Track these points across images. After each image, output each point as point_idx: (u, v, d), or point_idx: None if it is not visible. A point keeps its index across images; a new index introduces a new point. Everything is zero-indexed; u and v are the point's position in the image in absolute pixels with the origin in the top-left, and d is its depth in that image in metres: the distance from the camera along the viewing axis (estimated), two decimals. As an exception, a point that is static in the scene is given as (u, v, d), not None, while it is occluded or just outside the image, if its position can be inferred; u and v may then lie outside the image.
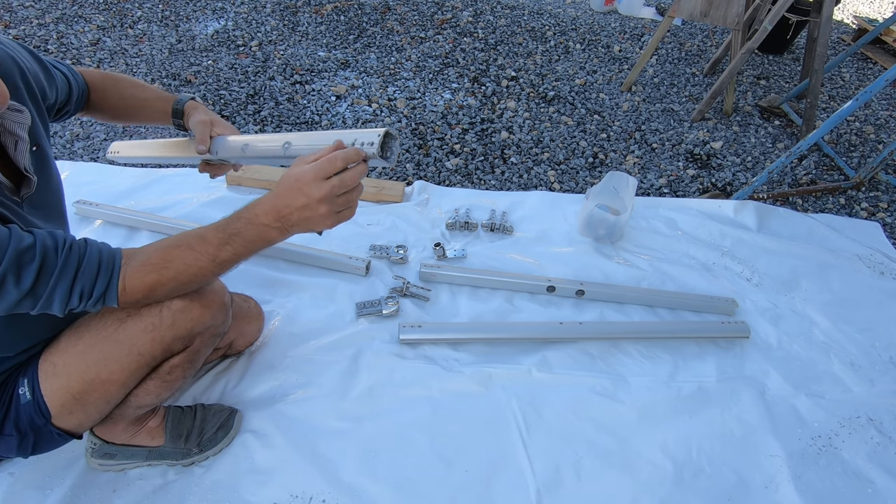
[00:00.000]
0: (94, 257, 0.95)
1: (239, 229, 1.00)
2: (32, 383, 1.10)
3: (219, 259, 1.01)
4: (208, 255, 1.00)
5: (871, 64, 4.20)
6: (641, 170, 2.82)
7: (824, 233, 2.38)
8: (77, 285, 0.93)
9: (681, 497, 1.44)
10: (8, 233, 0.86)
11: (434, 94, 3.24)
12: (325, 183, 0.95)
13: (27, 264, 0.87)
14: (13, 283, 0.86)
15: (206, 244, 1.00)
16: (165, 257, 1.00)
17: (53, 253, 0.90)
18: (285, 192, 0.97)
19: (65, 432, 1.15)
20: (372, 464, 1.43)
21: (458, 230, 2.20)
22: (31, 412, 1.10)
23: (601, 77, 3.59)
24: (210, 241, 1.00)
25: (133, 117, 1.36)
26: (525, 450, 1.50)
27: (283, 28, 3.74)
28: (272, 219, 0.99)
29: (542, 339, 1.78)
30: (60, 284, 0.91)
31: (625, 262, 2.12)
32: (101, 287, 0.95)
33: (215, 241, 1.00)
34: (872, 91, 2.26)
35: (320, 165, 0.95)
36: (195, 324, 1.12)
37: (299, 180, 0.96)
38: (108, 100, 1.31)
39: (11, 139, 0.97)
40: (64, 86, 1.21)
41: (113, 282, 0.96)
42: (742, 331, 1.86)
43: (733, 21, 3.13)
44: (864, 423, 1.67)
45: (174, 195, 2.19)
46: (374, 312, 1.80)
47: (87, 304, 0.96)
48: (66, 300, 0.93)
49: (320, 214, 0.97)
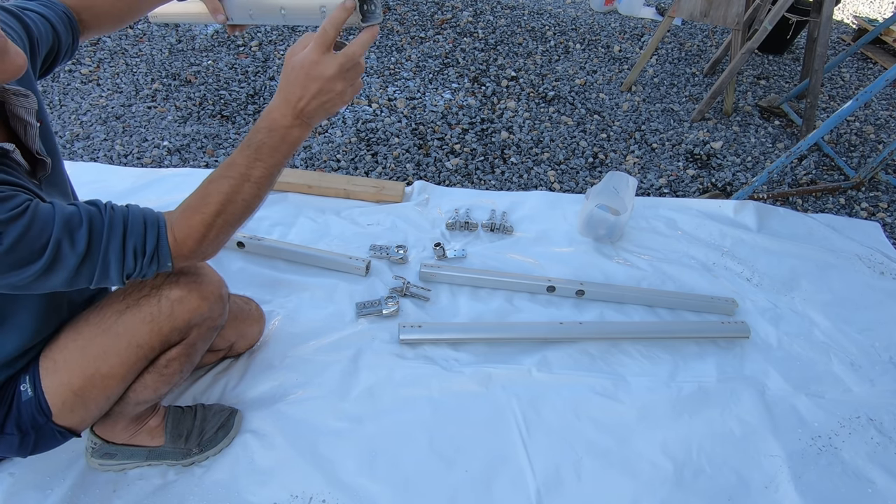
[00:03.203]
0: (137, 215, 0.96)
1: (262, 140, 0.97)
2: (34, 380, 1.10)
3: (253, 177, 0.98)
4: (242, 176, 0.98)
5: (871, 64, 4.19)
6: (641, 170, 2.82)
7: (824, 233, 2.38)
8: (129, 242, 0.93)
9: (681, 497, 1.44)
10: (51, 205, 0.88)
11: (434, 94, 3.24)
12: (332, 60, 0.90)
13: (77, 228, 0.88)
14: (69, 246, 0.87)
15: (235, 167, 0.98)
16: (203, 195, 0.99)
17: (98, 215, 0.91)
18: (295, 85, 0.92)
19: (66, 430, 1.15)
20: (372, 464, 1.43)
21: (458, 230, 2.20)
22: (33, 410, 1.10)
23: (601, 77, 3.59)
24: (239, 163, 0.98)
25: (135, 12, 1.22)
26: (525, 450, 1.50)
27: (283, 28, 3.74)
28: (291, 117, 0.95)
29: (542, 339, 1.78)
30: (112, 242, 0.91)
31: (625, 262, 2.12)
32: (153, 241, 0.95)
33: (244, 162, 0.97)
34: (872, 91, 2.26)
35: (318, 43, 0.90)
36: (193, 314, 1.13)
37: (304, 67, 0.91)
38: (100, 9, 1.18)
39: (21, 124, 0.97)
40: (47, 31, 1.08)
41: (162, 234, 0.96)
42: (742, 331, 1.86)
43: (733, 21, 3.13)
44: (864, 423, 1.67)
45: (174, 195, 2.19)
46: (374, 312, 1.80)
47: (142, 263, 0.95)
48: (122, 259, 0.93)
49: (337, 93, 0.93)
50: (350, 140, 2.79)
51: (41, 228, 0.85)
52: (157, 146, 2.60)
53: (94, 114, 2.78)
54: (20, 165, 0.95)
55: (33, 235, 0.84)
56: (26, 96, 0.96)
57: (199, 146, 2.63)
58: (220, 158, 2.55)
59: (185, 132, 2.70)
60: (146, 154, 2.55)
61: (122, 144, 2.59)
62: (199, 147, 2.62)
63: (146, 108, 2.86)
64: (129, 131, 2.69)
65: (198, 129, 2.73)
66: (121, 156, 2.53)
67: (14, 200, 0.84)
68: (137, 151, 2.56)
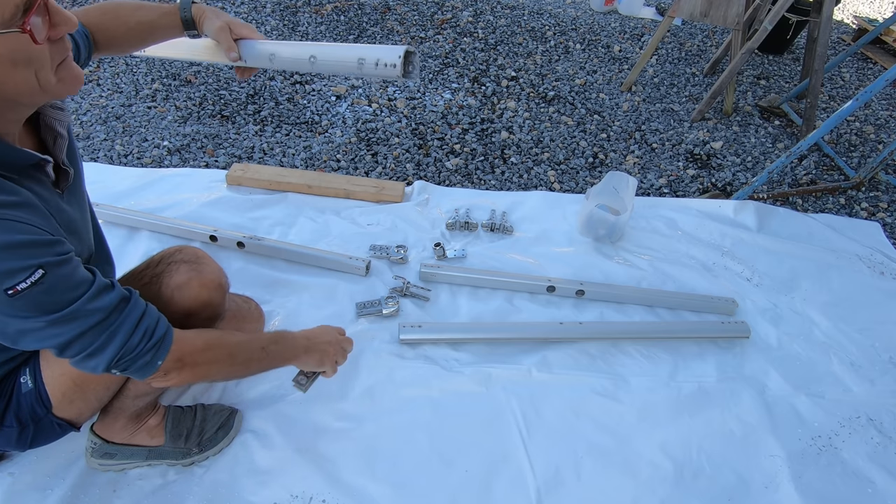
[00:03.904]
0: (152, 308, 0.99)
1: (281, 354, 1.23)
2: (34, 372, 1.10)
3: (259, 367, 1.20)
4: (255, 353, 1.16)
5: (871, 64, 4.19)
6: (641, 170, 2.82)
7: (824, 233, 2.38)
8: (143, 323, 0.95)
9: (681, 497, 1.44)
10: (91, 277, 0.90)
11: (434, 94, 3.24)
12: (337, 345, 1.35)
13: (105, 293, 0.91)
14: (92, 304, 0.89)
15: (255, 344, 1.18)
16: (213, 338, 1.09)
17: (127, 295, 0.95)
18: (319, 339, 1.32)
19: (65, 422, 1.15)
20: (372, 464, 1.43)
21: (458, 230, 2.20)
22: (33, 401, 1.10)
23: (601, 77, 3.59)
24: (255, 348, 1.17)
25: (144, 42, 1.30)
26: (525, 450, 1.50)
27: (283, 28, 3.73)
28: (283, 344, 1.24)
29: (542, 339, 1.78)
30: (130, 317, 0.93)
31: (625, 262, 2.12)
32: (162, 331, 0.97)
33: (258, 352, 1.17)
34: (872, 91, 2.26)
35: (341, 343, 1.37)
36: (193, 302, 1.14)
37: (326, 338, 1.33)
38: (114, 34, 1.24)
39: (51, 135, 0.99)
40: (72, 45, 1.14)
41: (169, 330, 0.99)
42: (742, 331, 1.86)
43: (733, 21, 3.13)
44: (864, 423, 1.67)
45: (174, 195, 2.19)
46: (374, 312, 1.80)
47: (145, 345, 0.95)
48: (129, 334, 0.93)
49: (331, 353, 1.32)
50: (350, 140, 2.79)
51: (79, 281, 0.88)
52: (157, 146, 2.60)
53: (94, 114, 2.78)
54: (49, 177, 0.96)
55: (72, 283, 0.86)
56: (62, 110, 0.99)
57: (199, 146, 2.63)
58: (220, 158, 2.55)
59: (185, 132, 2.70)
60: (146, 154, 2.55)
61: (122, 144, 2.59)
62: (199, 147, 2.62)
63: (146, 108, 2.86)
64: (129, 131, 2.69)
65: (198, 129, 2.73)
66: (121, 156, 2.53)
67: (64, 246, 0.87)
68: (137, 151, 2.56)
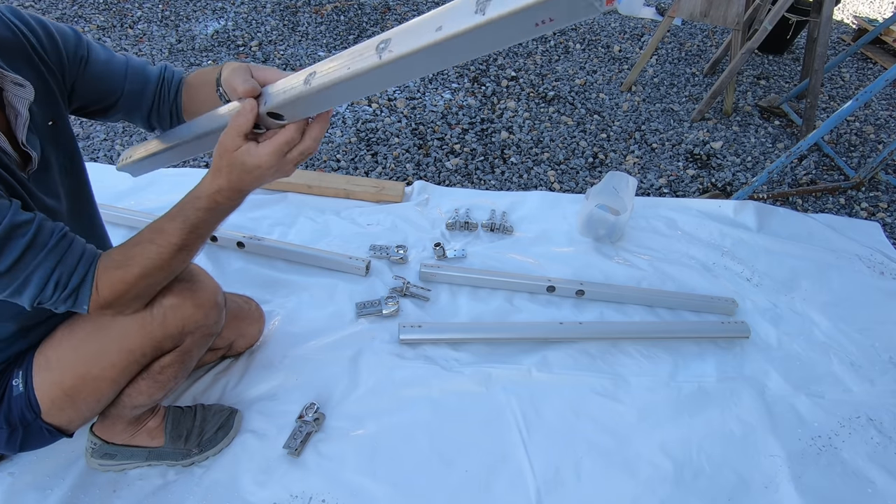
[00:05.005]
0: (77, 249, 0.94)
1: (202, 218, 1.02)
2: (26, 376, 1.10)
3: (193, 248, 1.04)
4: (174, 246, 1.00)
5: (871, 64, 4.19)
6: (641, 170, 2.82)
7: (824, 233, 2.38)
8: (57, 271, 0.91)
9: (681, 497, 1.44)
10: (9, 202, 0.86)
11: (434, 94, 3.24)
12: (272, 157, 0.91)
13: (19, 237, 0.86)
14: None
15: (166, 236, 1.00)
16: (127, 256, 0.98)
17: (48, 233, 0.90)
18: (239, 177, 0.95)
19: (54, 428, 1.14)
20: (372, 464, 1.43)
21: (458, 230, 2.20)
22: (22, 405, 1.10)
23: (601, 77, 3.59)
24: (170, 233, 1.00)
25: None
26: (525, 450, 1.50)
27: (283, 28, 3.73)
28: (233, 197, 1.01)
29: (542, 339, 1.78)
30: (43, 265, 0.89)
31: (625, 262, 2.12)
32: (77, 279, 0.93)
33: (178, 234, 1.00)
34: (872, 91, 2.26)
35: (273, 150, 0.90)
36: (186, 322, 1.12)
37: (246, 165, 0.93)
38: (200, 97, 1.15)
39: (13, 113, 0.96)
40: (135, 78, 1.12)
41: (89, 276, 0.95)
42: (742, 331, 1.86)
43: (733, 21, 3.13)
44: (864, 423, 1.67)
45: (174, 195, 2.16)
46: (374, 312, 1.80)
47: (59, 295, 0.93)
48: (42, 286, 0.91)
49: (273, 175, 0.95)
50: (350, 140, 2.79)
51: None
52: (157, 146, 2.60)
53: (94, 114, 2.78)
54: (9, 156, 0.94)
55: None
56: (22, 86, 0.94)
57: (199, 146, 2.63)
58: (220, 158, 2.54)
59: (185, 132, 2.70)
60: (146, 154, 2.55)
61: (122, 144, 2.59)
62: (199, 147, 2.62)
63: (146, 108, 2.85)
64: (129, 131, 2.69)
65: (198, 129, 2.72)
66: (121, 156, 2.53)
67: None
68: (137, 151, 2.56)
